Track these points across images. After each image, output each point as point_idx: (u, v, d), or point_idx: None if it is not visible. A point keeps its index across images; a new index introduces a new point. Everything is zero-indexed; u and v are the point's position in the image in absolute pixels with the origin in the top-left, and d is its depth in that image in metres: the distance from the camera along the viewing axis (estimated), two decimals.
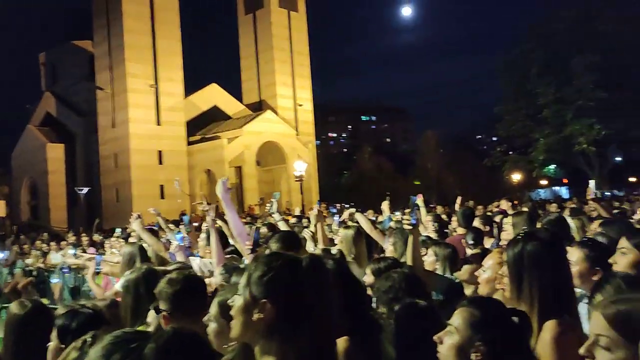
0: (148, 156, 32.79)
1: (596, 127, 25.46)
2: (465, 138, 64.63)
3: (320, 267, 1.65)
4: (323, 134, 65.23)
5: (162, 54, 33.54)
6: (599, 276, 2.73)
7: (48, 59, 41.16)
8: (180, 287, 2.53)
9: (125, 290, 3.04)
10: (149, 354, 1.20)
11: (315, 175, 38.93)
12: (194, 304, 2.56)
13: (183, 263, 3.88)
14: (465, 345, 1.82)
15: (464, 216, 6.56)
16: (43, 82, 41.58)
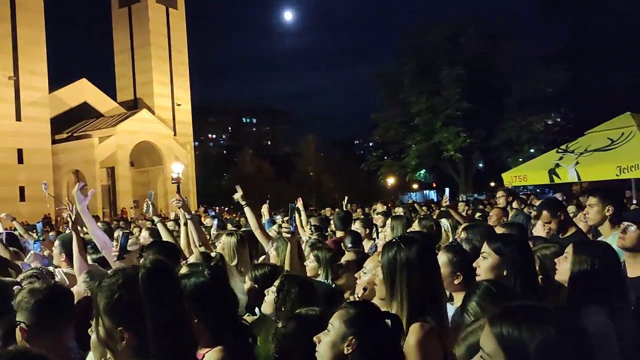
0: (6, 154, 29.85)
1: (462, 135, 27.37)
2: (344, 143, 66.66)
3: (160, 272, 1.60)
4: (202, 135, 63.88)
5: (24, 43, 30.73)
6: (459, 280, 2.88)
7: None
8: (42, 298, 2.33)
9: None
10: None
11: (194, 177, 37.95)
12: (58, 316, 2.35)
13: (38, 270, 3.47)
14: (339, 340, 1.90)
15: (340, 219, 6.63)
16: None
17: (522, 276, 2.66)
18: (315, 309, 2.52)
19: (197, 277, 2.41)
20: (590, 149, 8.79)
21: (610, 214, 4.09)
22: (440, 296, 2.45)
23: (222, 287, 2.49)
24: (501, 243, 2.79)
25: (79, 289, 3.25)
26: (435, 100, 27.30)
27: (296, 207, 4.35)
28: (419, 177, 41.41)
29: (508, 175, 10.55)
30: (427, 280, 2.37)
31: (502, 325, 1.19)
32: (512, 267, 2.70)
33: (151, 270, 1.57)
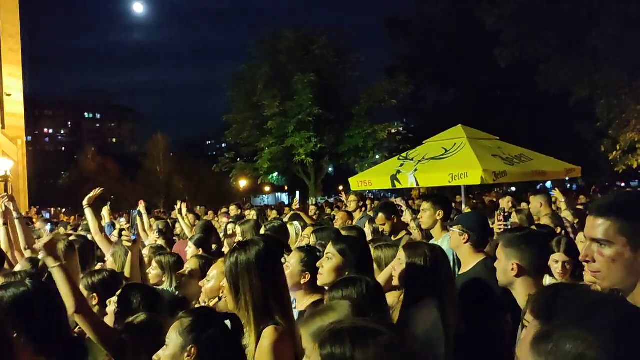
0: None
1: (313, 140, 28.16)
2: (196, 143, 65.21)
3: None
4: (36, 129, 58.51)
5: None
6: (306, 279, 2.97)
7: None
8: None
9: None
10: None
11: (25, 176, 34.48)
12: None
13: None
14: (179, 352, 1.87)
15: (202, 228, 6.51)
16: None
17: None
18: (152, 315, 2.44)
19: (16, 288, 2.17)
20: (427, 157, 9.52)
21: (440, 218, 4.47)
22: (286, 298, 2.49)
23: (47, 297, 2.27)
24: (346, 245, 2.90)
25: None
26: (288, 104, 27.76)
27: (138, 211, 4.13)
28: (271, 180, 41.85)
29: (354, 180, 11.03)
30: (269, 282, 2.39)
31: (330, 346, 1.21)
32: (354, 268, 2.82)
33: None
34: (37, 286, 2.21)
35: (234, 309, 2.33)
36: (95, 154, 51.99)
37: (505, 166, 8.90)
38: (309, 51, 29.20)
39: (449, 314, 2.70)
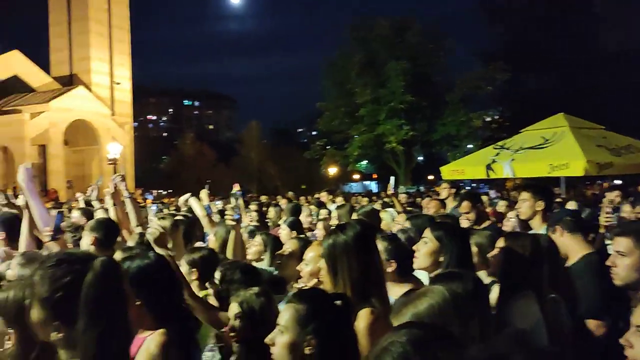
0: None
1: (405, 127, 27.87)
2: (288, 130, 66.51)
3: (106, 277, 1.54)
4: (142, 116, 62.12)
5: None
6: (392, 268, 2.98)
7: None
8: None
9: None
10: None
11: (132, 159, 36.83)
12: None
13: None
14: (297, 341, 1.85)
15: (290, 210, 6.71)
16: None
17: (458, 267, 2.75)
18: (256, 289, 2.53)
19: (141, 260, 2.36)
20: (524, 147, 9.16)
21: (541, 209, 4.30)
22: (382, 281, 2.51)
23: (166, 271, 2.45)
24: (443, 231, 2.88)
25: (12, 272, 3.09)
26: (380, 92, 27.63)
27: (240, 192, 4.34)
28: (360, 168, 41.91)
29: (447, 169, 10.84)
30: (367, 265, 2.42)
31: None
32: (449, 255, 2.80)
33: (99, 272, 1.52)
34: (160, 260, 2.40)
35: (331, 291, 2.35)
36: (193, 140, 54.49)
37: (611, 157, 8.38)
38: (402, 38, 28.83)
39: (554, 307, 2.62)
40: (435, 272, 2.77)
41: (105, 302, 1.50)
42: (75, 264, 1.53)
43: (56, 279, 1.49)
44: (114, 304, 1.53)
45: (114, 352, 1.51)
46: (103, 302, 1.49)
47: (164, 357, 2.20)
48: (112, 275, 1.56)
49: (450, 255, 2.77)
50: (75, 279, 1.48)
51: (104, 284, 1.51)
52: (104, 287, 1.51)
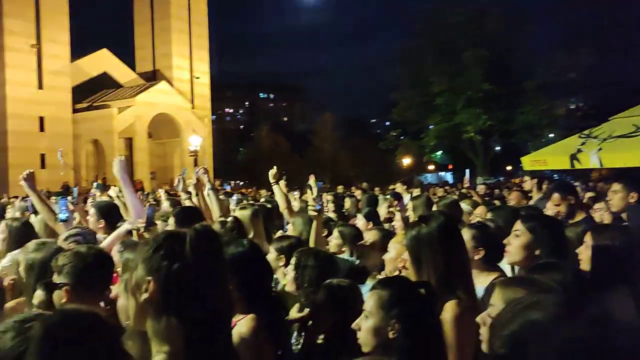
0: (28, 122, 30.21)
1: (482, 117, 27.12)
2: (361, 121, 66.36)
3: (208, 239, 1.58)
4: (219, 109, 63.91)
5: (47, 11, 30.85)
6: (480, 255, 2.92)
7: None
8: (86, 262, 2.44)
9: (27, 269, 2.79)
10: (34, 334, 1.13)
11: (210, 151, 38.12)
12: (98, 279, 2.46)
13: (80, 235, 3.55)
14: (381, 326, 1.88)
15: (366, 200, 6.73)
16: None
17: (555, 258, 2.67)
18: (346, 280, 2.56)
19: (236, 247, 2.48)
20: (614, 135, 8.69)
21: (634, 201, 4.09)
22: (467, 273, 2.49)
23: (258, 258, 2.56)
24: (536, 222, 2.78)
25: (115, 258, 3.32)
26: (456, 80, 27.02)
27: (321, 183, 4.39)
28: (435, 158, 41.23)
29: (527, 159, 10.47)
30: (452, 257, 2.40)
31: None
32: (546, 247, 2.69)
33: (201, 232, 1.55)
34: (253, 248, 2.52)
35: None
36: (268, 132, 55.53)
37: None
38: (480, 25, 27.99)
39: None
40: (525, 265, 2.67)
41: (208, 262, 1.52)
42: (173, 242, 1.57)
43: (155, 240, 1.54)
44: (216, 265, 1.56)
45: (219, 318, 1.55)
46: (206, 262, 1.51)
47: (255, 341, 2.26)
48: (211, 235, 1.59)
49: (546, 248, 2.67)
50: (170, 257, 1.50)
51: (204, 243, 1.53)
52: (204, 246, 1.53)
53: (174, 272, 1.47)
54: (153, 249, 1.51)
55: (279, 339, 2.51)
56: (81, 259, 2.44)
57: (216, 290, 1.54)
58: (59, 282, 2.41)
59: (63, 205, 4.31)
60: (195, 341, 1.47)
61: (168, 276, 1.47)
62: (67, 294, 2.37)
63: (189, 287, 1.48)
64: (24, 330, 1.16)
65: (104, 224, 4.43)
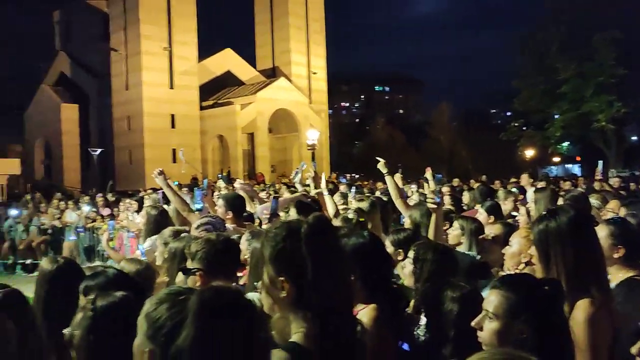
0: (161, 120, 32.78)
1: (616, 104, 25.02)
2: (479, 112, 64.00)
3: (323, 228, 1.63)
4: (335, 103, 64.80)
5: (177, 16, 33.19)
6: (620, 254, 2.72)
7: (62, 18, 40.79)
8: (216, 248, 2.62)
9: (170, 257, 3.08)
10: (190, 305, 1.27)
11: (327, 145, 38.82)
12: (228, 265, 2.63)
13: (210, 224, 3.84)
14: (507, 329, 1.80)
15: (481, 193, 6.51)
16: (57, 41, 41.31)
17: None
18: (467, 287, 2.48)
19: (357, 238, 2.55)
20: None
21: None
22: (602, 270, 2.34)
23: (379, 249, 2.61)
24: None
25: (243, 245, 3.54)
26: (585, 66, 25.13)
27: (424, 176, 4.34)
28: (561, 150, 38.73)
29: None
30: (583, 252, 2.27)
31: None
32: None
33: (314, 224, 1.61)
34: (373, 239, 2.59)
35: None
36: (384, 125, 55.45)
37: None
38: (612, 3, 25.79)
39: None
40: None
41: (324, 252, 1.58)
42: (292, 222, 1.67)
43: (276, 235, 1.61)
44: (333, 254, 1.61)
45: (340, 308, 1.61)
46: (322, 251, 1.58)
47: (376, 331, 2.26)
48: (326, 225, 1.66)
49: None
50: (292, 232, 1.58)
51: (320, 233, 1.59)
52: (320, 235, 1.59)
53: (301, 270, 1.55)
54: (278, 249, 1.59)
55: (400, 330, 2.53)
56: (212, 246, 2.62)
57: (335, 280, 1.60)
58: (193, 267, 2.62)
59: (199, 196, 4.65)
60: (324, 329, 1.54)
61: (299, 275, 1.55)
62: (201, 278, 2.57)
63: (312, 276, 1.55)
64: (178, 302, 1.32)
65: (231, 215, 4.72)
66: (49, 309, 2.42)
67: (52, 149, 38.04)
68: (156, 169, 5.05)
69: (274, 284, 1.59)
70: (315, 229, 1.61)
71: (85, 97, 37.96)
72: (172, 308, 1.34)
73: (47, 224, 13.53)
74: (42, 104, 38.61)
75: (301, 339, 1.54)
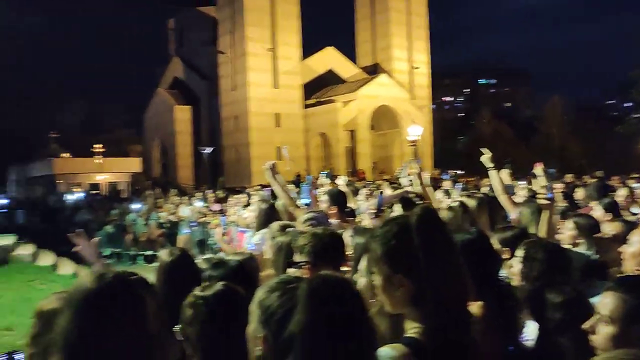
0: (266, 119, 33.91)
1: None
2: (594, 104, 59.83)
3: (432, 217, 1.61)
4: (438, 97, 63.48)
5: (281, 17, 34.14)
6: None
7: (176, 25, 43.45)
8: (323, 242, 2.69)
9: (277, 251, 3.22)
10: (300, 293, 1.32)
11: (430, 140, 38.16)
12: (334, 258, 2.70)
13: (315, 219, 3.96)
14: (624, 335, 1.71)
15: (597, 189, 6.11)
16: (171, 47, 44.08)
17: None
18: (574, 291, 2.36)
19: (464, 234, 2.53)
20: None
21: None
22: None
23: (487, 246, 2.56)
24: None
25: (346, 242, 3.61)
26: None
27: (533, 172, 4.15)
28: None
29: None
30: None
31: None
32: None
33: (423, 215, 1.59)
34: (480, 235, 2.55)
35: None
36: (490, 119, 53.40)
37: None
38: None
39: None
40: None
41: (437, 245, 1.55)
42: (399, 218, 1.68)
43: (385, 232, 1.60)
44: (445, 247, 1.59)
45: (457, 303, 1.59)
46: (435, 245, 1.55)
47: (482, 329, 2.25)
48: (434, 218, 1.62)
49: None
50: (402, 228, 1.57)
51: (429, 226, 1.57)
52: (430, 228, 1.57)
53: (416, 264, 1.54)
54: (390, 245, 1.58)
55: (508, 330, 2.45)
56: (319, 240, 2.70)
57: (449, 272, 1.58)
58: (300, 261, 2.73)
59: (306, 191, 4.80)
60: (441, 325, 1.53)
61: (414, 271, 1.54)
62: (309, 271, 2.67)
63: (427, 274, 1.54)
64: (288, 290, 1.39)
65: (336, 210, 4.81)
66: (165, 297, 2.62)
67: (167, 147, 40.69)
68: (269, 162, 5.19)
69: (390, 282, 1.58)
70: (425, 219, 1.60)
71: (196, 98, 40.22)
72: (283, 296, 1.42)
73: (164, 218, 14.53)
74: (158, 106, 41.43)
75: (419, 334, 1.54)
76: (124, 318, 1.25)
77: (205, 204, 14.23)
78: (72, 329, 1.23)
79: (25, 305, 7.16)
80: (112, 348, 1.21)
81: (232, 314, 1.84)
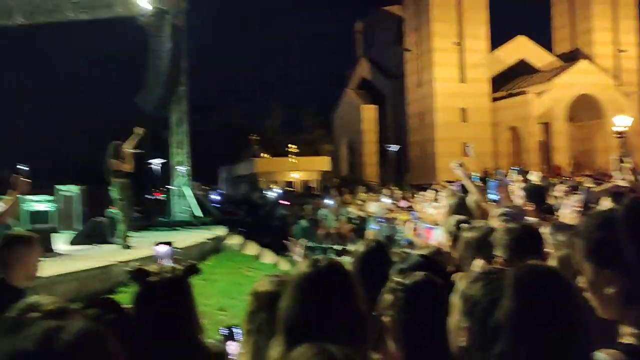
0: (451, 114, 33.30)
1: None
2: None
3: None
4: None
5: (467, 10, 33.21)
6: None
7: (365, 28, 44.73)
8: (517, 236, 2.68)
9: (465, 246, 3.26)
10: (506, 281, 1.32)
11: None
12: (528, 252, 2.65)
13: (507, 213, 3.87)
14: None
15: None
16: (358, 49, 45.53)
17: None
18: None
19: None
20: None
21: None
22: None
23: None
24: None
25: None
26: None
27: None
28: None
29: None
30: None
31: None
32: None
33: (632, 206, 1.49)
34: None
35: None
36: None
37: None
38: None
39: None
40: None
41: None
42: (605, 214, 1.55)
43: (588, 227, 1.50)
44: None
45: None
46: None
47: None
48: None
49: None
50: (608, 219, 1.47)
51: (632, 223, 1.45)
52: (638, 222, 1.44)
53: (626, 258, 1.43)
54: (595, 239, 1.49)
55: None
56: (513, 234, 2.69)
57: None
58: (495, 254, 2.72)
59: (494, 187, 4.69)
60: None
61: (625, 265, 1.43)
62: (503, 265, 2.64)
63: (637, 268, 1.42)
64: (491, 280, 1.41)
65: (533, 207, 4.59)
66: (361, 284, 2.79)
67: (354, 146, 42.17)
68: (456, 161, 5.23)
69: (597, 280, 1.48)
70: (635, 209, 1.47)
71: (381, 97, 41.01)
72: (486, 286, 1.43)
73: (353, 214, 15.12)
74: (346, 106, 43.14)
75: (637, 340, 1.43)
76: (337, 297, 1.38)
77: (392, 201, 14.48)
78: (294, 307, 1.40)
79: (236, 288, 8.00)
80: (330, 323, 1.35)
81: (430, 303, 1.90)
